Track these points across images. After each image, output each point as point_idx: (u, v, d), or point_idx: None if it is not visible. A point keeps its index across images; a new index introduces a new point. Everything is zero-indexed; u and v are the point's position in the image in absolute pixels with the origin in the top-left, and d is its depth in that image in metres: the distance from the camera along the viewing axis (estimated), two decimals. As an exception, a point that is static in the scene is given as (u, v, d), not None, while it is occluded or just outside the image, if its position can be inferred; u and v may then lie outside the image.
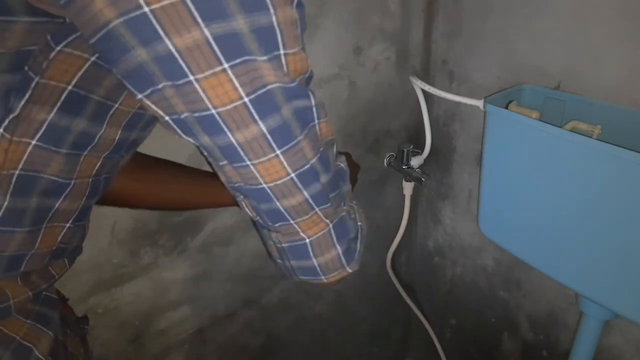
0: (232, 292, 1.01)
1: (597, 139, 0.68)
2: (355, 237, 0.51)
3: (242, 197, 0.45)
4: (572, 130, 0.74)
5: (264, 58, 0.36)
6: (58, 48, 0.39)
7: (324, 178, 0.45)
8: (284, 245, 0.47)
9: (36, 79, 0.39)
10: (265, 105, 0.38)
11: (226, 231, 0.94)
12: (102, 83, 0.42)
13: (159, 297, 0.89)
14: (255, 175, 0.41)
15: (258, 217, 0.47)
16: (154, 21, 0.32)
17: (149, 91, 0.36)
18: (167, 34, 0.32)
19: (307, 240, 0.46)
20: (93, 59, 0.40)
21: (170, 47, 0.33)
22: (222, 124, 0.37)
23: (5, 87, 0.38)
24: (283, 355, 1.18)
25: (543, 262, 0.83)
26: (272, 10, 0.35)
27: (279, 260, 0.50)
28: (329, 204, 0.46)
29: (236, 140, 0.38)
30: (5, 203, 0.41)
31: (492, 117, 0.82)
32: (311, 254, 0.47)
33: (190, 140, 0.40)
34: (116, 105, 0.45)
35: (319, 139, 0.44)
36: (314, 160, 0.43)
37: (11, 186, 0.42)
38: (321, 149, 0.44)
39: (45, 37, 0.38)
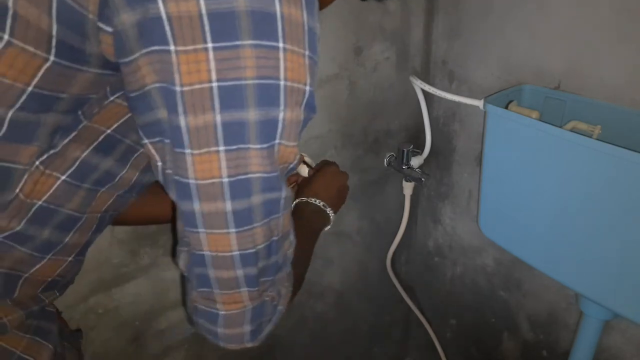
0: (232, 292, 1.01)
1: (597, 139, 0.68)
2: (268, 320, 0.52)
3: (186, 249, 0.47)
4: (572, 130, 0.74)
5: (258, 146, 0.40)
6: (111, 98, 0.44)
7: (261, 263, 0.47)
8: (198, 305, 0.48)
9: (84, 123, 0.43)
10: (239, 189, 0.41)
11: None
12: (136, 130, 0.46)
13: (159, 297, 0.89)
14: (202, 243, 0.44)
15: (187, 274, 0.48)
16: (179, 98, 0.37)
17: (156, 139, 0.40)
18: (185, 112, 0.37)
19: (221, 313, 0.47)
20: None
21: (182, 123, 0.38)
22: (194, 193, 0.41)
23: (55, 126, 0.41)
24: (283, 355, 1.18)
25: (543, 262, 0.83)
26: (281, 108, 0.40)
27: (189, 312, 0.51)
28: (256, 288, 0.47)
29: (200, 211, 0.42)
30: (18, 228, 0.44)
31: (492, 117, 0.82)
32: (220, 324, 0.48)
33: (164, 188, 0.43)
34: (140, 150, 0.49)
35: (274, 231, 0.47)
36: (260, 247, 0.45)
37: (29, 214, 0.44)
38: (274, 238, 0.47)
39: (105, 88, 0.43)
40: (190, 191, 0.41)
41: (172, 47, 0.35)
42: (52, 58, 0.37)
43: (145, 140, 0.41)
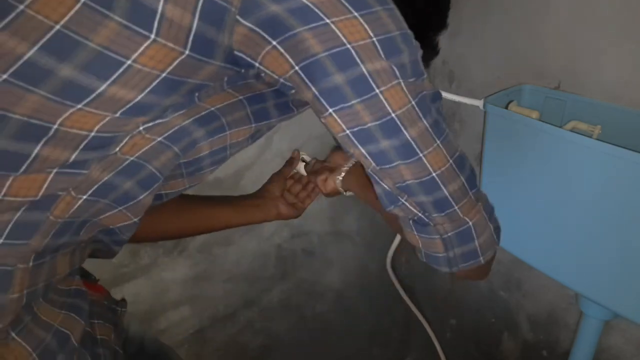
0: (232, 292, 1.01)
1: (597, 139, 0.68)
2: (493, 217, 0.59)
3: (405, 197, 0.52)
4: (572, 130, 0.74)
5: (415, 79, 0.48)
6: (226, 88, 0.51)
7: (468, 165, 0.54)
8: (450, 234, 0.53)
9: (197, 103, 0.49)
10: (423, 107, 0.48)
11: (226, 231, 0.94)
12: (234, 114, 0.54)
13: (159, 297, 0.89)
14: (426, 166, 0.49)
15: (422, 214, 0.53)
16: (353, 53, 0.44)
17: (338, 107, 0.46)
18: (363, 61, 0.44)
19: (470, 223, 0.53)
20: (241, 97, 0.53)
21: (364, 70, 0.44)
22: (399, 124, 0.47)
23: (172, 104, 0.47)
24: (283, 355, 1.18)
25: (543, 262, 0.83)
26: (417, 49, 0.49)
27: (441, 254, 0.55)
28: (475, 188, 0.54)
29: (411, 136, 0.48)
30: (106, 177, 0.48)
31: (492, 117, 0.82)
32: (474, 235, 0.54)
33: (362, 150, 0.49)
34: (227, 132, 0.55)
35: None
36: (460, 149, 0.53)
37: (120, 167, 0.48)
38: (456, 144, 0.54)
39: (223, 79, 0.49)
40: (395, 125, 0.47)
41: (328, 20, 0.43)
42: (187, 52, 0.43)
43: (329, 111, 0.46)
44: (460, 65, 1.03)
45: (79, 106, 0.43)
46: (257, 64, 0.46)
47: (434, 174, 0.50)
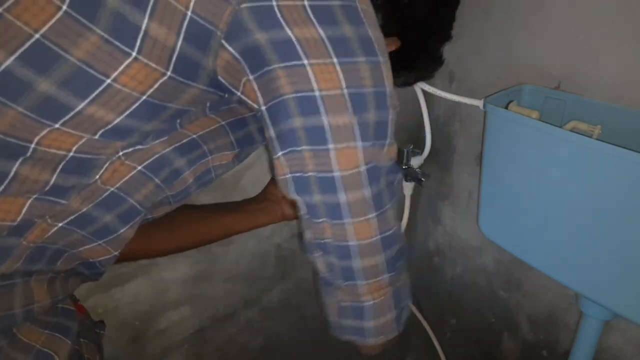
0: (232, 292, 1.01)
1: (597, 139, 0.68)
2: (405, 305, 0.56)
3: (320, 253, 0.50)
4: (572, 131, 0.74)
5: (378, 143, 0.47)
6: (208, 113, 0.49)
7: (397, 246, 0.51)
8: (344, 304, 0.52)
9: (178, 129, 0.48)
10: (371, 175, 0.47)
11: (226, 231, 0.94)
12: (217, 140, 0.53)
13: (159, 297, 0.89)
14: (347, 234, 0.48)
15: (328, 274, 0.51)
16: (319, 101, 0.42)
17: (288, 150, 0.45)
18: (327, 112, 0.43)
19: (370, 304, 0.51)
20: (223, 122, 0.52)
21: (325, 122, 0.43)
22: (339, 185, 0.45)
23: (152, 130, 0.46)
24: (283, 355, 1.18)
25: (543, 262, 0.83)
26: (390, 110, 0.47)
27: (334, 318, 0.55)
28: (394, 273, 0.52)
29: (346, 200, 0.46)
30: (85, 209, 0.47)
31: (492, 117, 0.82)
32: (368, 316, 0.52)
33: (298, 197, 0.47)
34: (208, 157, 0.55)
35: (396, 214, 0.51)
36: (394, 228, 0.50)
37: (99, 199, 0.47)
38: (396, 221, 0.52)
39: (205, 103, 0.48)
40: (335, 184, 0.45)
41: (306, 61, 0.42)
42: (169, 73, 0.42)
43: (279, 154, 0.46)
44: (460, 65, 1.03)
45: (57, 125, 0.41)
46: (238, 93, 0.45)
47: (354, 243, 0.48)
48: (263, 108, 0.45)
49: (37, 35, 0.39)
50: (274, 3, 0.41)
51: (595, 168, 0.68)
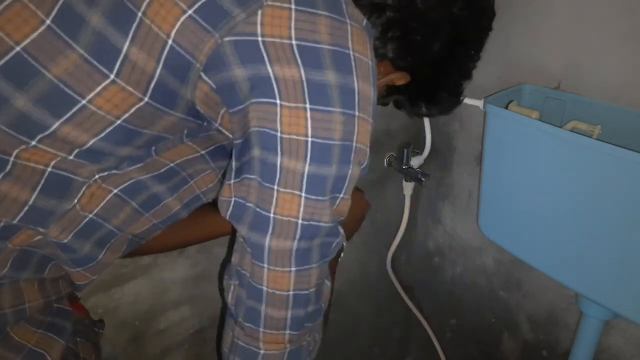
0: (232, 292, 1.01)
1: (597, 139, 0.68)
2: None
3: (236, 283, 0.49)
4: (572, 131, 0.74)
5: (328, 198, 0.45)
6: (186, 140, 0.48)
7: (310, 307, 0.50)
8: (239, 342, 0.50)
9: (154, 157, 0.47)
10: (308, 232, 0.45)
11: (226, 231, 0.94)
12: (195, 166, 0.52)
13: (159, 297, 0.89)
14: (263, 279, 0.46)
15: (234, 308, 0.50)
16: (278, 141, 0.42)
17: (240, 178, 0.45)
18: (282, 153, 0.42)
19: (261, 352, 0.49)
20: (203, 152, 0.51)
21: (278, 161, 0.42)
22: (270, 226, 0.44)
23: (127, 156, 0.45)
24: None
25: (543, 262, 0.83)
26: (351, 166, 0.45)
27: (226, 350, 0.52)
28: (298, 332, 0.50)
29: (269, 245, 0.45)
30: (66, 240, 0.47)
31: (492, 117, 0.82)
32: None
33: (232, 222, 0.46)
34: (190, 183, 0.54)
35: (323, 273, 0.50)
36: (312, 290, 0.48)
37: (78, 227, 0.47)
38: (323, 282, 0.50)
39: (183, 131, 0.47)
40: (268, 223, 0.44)
41: (278, 101, 0.41)
42: (146, 99, 0.41)
43: (232, 181, 0.45)
44: (460, 65, 1.03)
45: (33, 142, 0.41)
46: (216, 124, 0.45)
47: (266, 289, 0.47)
48: (237, 141, 0.45)
49: (17, 48, 0.38)
50: (260, 39, 0.40)
51: (595, 168, 0.68)
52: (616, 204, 0.68)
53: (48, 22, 0.38)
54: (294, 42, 0.41)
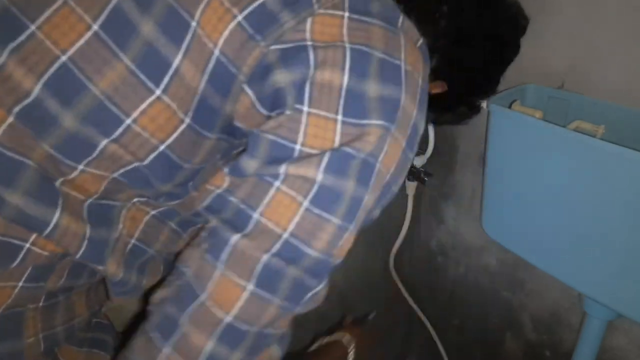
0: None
1: (601, 139, 0.67)
2: None
3: (177, 276, 0.44)
4: (576, 130, 0.74)
5: (337, 221, 0.39)
6: (219, 164, 0.44)
7: (235, 356, 0.40)
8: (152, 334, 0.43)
9: (191, 193, 0.44)
10: (290, 251, 0.38)
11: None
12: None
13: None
14: (210, 281, 0.38)
15: (158, 305, 0.43)
16: (296, 154, 0.37)
17: (242, 176, 0.40)
18: (292, 161, 0.37)
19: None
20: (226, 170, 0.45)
21: (282, 171, 0.38)
22: (249, 226, 0.38)
23: (166, 192, 0.42)
24: (283, 355, 1.17)
25: (546, 262, 0.83)
26: (369, 190, 0.39)
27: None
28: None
29: (235, 242, 0.38)
30: (121, 275, 0.44)
31: (496, 116, 0.82)
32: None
33: (206, 213, 0.42)
34: None
35: (278, 322, 0.42)
36: (255, 330, 0.40)
37: (125, 256, 0.45)
38: (267, 327, 0.41)
39: (216, 156, 0.43)
40: (247, 222, 0.38)
41: (305, 108, 0.37)
42: (187, 120, 0.38)
43: (233, 174, 0.42)
44: (463, 64, 1.03)
45: (81, 167, 0.38)
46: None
47: (202, 297, 0.39)
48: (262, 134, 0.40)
49: (64, 58, 0.35)
50: (309, 43, 0.37)
51: (599, 168, 0.68)
52: (619, 203, 0.68)
53: (95, 27, 0.35)
54: (347, 45, 0.38)
